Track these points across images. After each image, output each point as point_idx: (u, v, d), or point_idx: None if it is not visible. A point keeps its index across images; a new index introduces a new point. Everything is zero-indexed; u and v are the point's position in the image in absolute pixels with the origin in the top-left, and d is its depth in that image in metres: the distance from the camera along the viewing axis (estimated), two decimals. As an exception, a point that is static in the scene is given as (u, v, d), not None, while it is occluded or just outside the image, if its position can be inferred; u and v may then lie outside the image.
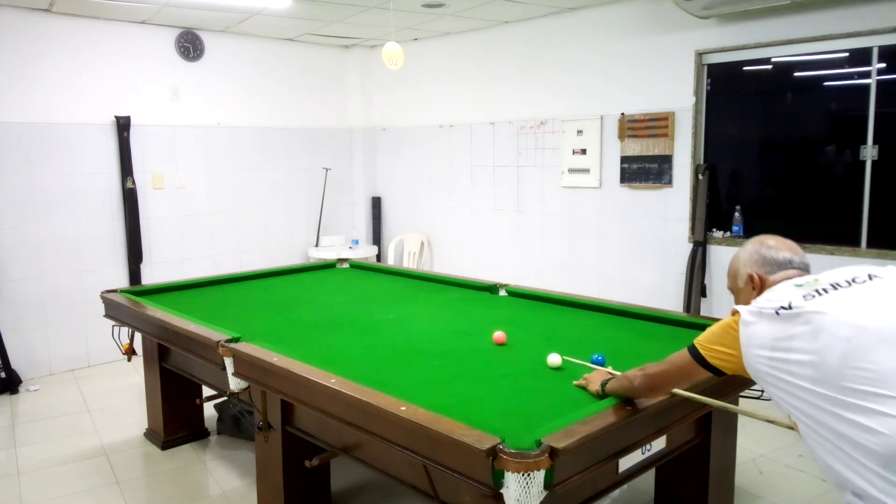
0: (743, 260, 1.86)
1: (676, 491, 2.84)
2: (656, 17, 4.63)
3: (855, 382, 1.42)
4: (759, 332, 1.59)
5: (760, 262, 1.80)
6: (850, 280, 1.59)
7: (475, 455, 1.73)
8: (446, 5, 4.89)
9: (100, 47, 5.20)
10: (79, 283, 5.20)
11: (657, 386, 1.97)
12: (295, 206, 6.46)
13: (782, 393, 1.56)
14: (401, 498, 3.14)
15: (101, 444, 3.86)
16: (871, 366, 1.42)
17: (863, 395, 1.41)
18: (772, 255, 1.79)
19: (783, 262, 1.78)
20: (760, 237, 1.87)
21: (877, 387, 1.40)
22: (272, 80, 6.19)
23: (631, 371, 2.05)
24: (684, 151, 4.59)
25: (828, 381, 1.46)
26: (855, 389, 1.42)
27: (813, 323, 1.50)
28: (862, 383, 1.42)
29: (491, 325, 3.01)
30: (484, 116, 5.85)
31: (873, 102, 3.83)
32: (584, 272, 5.23)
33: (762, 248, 1.82)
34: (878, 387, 1.40)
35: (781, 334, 1.54)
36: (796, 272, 1.75)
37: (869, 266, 1.66)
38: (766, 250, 1.81)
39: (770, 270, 1.78)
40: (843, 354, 1.44)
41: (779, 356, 1.54)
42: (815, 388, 1.48)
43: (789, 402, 1.56)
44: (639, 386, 1.99)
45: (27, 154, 4.94)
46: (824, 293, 1.56)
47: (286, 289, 4.09)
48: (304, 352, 2.64)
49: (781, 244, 1.81)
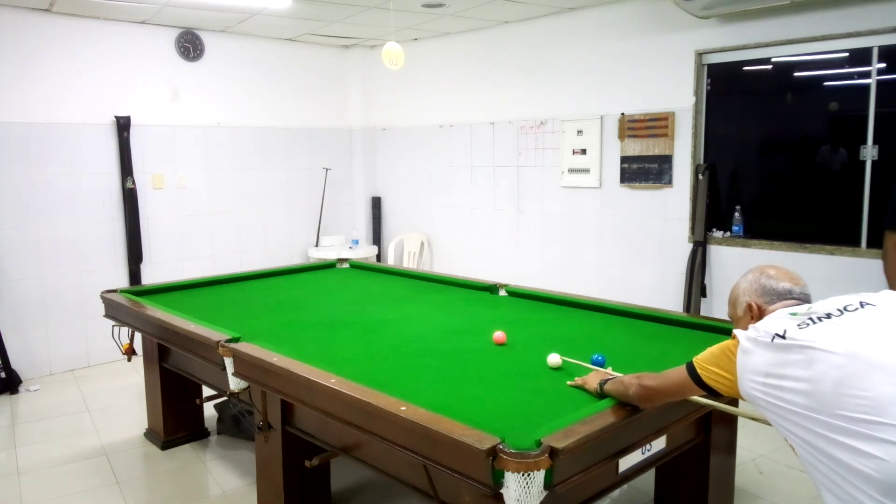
0: (742, 288, 1.86)
1: (676, 491, 2.84)
2: (656, 17, 4.63)
3: (850, 410, 1.43)
4: (754, 359, 1.60)
5: (760, 292, 1.81)
6: (843, 308, 1.60)
7: (475, 455, 1.73)
8: (446, 5, 4.89)
9: (100, 47, 5.20)
10: (79, 283, 5.20)
11: (651, 398, 1.97)
12: (295, 206, 6.46)
13: (778, 418, 1.58)
14: (401, 498, 3.14)
15: (101, 444, 3.86)
16: (866, 393, 1.42)
17: (859, 423, 1.42)
18: (771, 284, 1.79)
19: (782, 292, 1.78)
20: (761, 266, 1.87)
21: (872, 414, 1.41)
22: (272, 80, 6.19)
23: (628, 377, 2.05)
24: (684, 151, 4.59)
25: (823, 409, 1.47)
26: (851, 417, 1.43)
27: (806, 352, 1.51)
28: (857, 411, 1.42)
29: (491, 325, 3.01)
30: (484, 116, 5.85)
31: (873, 102, 3.83)
32: (584, 272, 5.23)
33: (762, 278, 1.82)
34: (874, 414, 1.41)
35: (775, 362, 1.56)
36: (795, 302, 1.75)
37: (861, 294, 1.67)
38: (765, 280, 1.81)
39: (769, 300, 1.78)
40: (837, 382, 1.45)
41: (773, 383, 1.56)
42: (810, 414, 1.49)
43: (785, 427, 1.57)
44: (633, 395, 1.99)
45: (27, 154, 4.94)
46: (818, 321, 1.57)
47: (286, 289, 4.09)
48: (304, 352, 2.65)
49: (782, 274, 1.81)
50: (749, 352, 1.62)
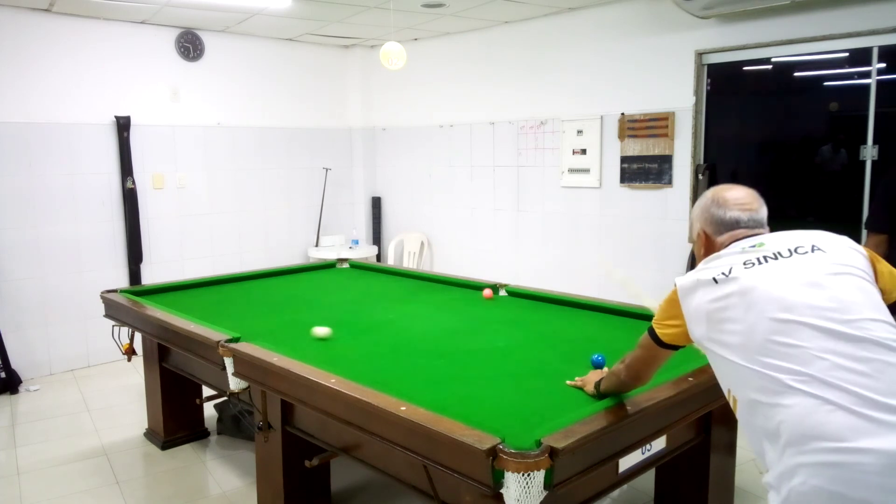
0: (695, 214, 1.82)
1: (676, 491, 2.84)
2: (656, 17, 4.63)
3: (776, 358, 1.43)
4: (696, 301, 1.60)
5: (710, 220, 1.76)
6: (794, 249, 1.57)
7: (475, 455, 1.73)
8: (446, 5, 4.89)
9: (100, 47, 5.20)
10: (79, 283, 5.20)
11: (638, 373, 1.94)
12: (295, 206, 6.46)
13: (714, 365, 1.61)
14: (401, 498, 3.14)
15: (101, 444, 3.86)
16: (794, 342, 1.42)
17: (782, 371, 1.42)
18: (719, 215, 1.74)
19: (730, 222, 1.72)
20: (716, 189, 1.80)
21: (795, 364, 1.41)
22: (272, 80, 6.19)
23: (615, 366, 2.04)
24: (684, 151, 4.59)
25: (752, 357, 1.47)
26: (775, 365, 1.43)
27: (746, 296, 1.50)
28: (782, 359, 1.42)
29: (491, 325, 3.01)
30: (484, 116, 5.85)
31: (873, 102, 3.83)
32: (584, 272, 5.23)
33: (712, 206, 1.76)
34: (798, 364, 1.41)
35: (717, 304, 1.55)
36: (744, 233, 1.70)
37: (818, 234, 1.63)
38: (715, 209, 1.75)
39: (716, 230, 1.74)
40: (769, 331, 1.45)
41: (714, 326, 1.56)
42: (740, 362, 1.49)
43: (721, 375, 1.60)
44: (625, 378, 1.98)
45: (27, 154, 4.94)
46: (765, 262, 1.55)
47: (286, 289, 4.09)
48: (304, 352, 2.65)
49: (732, 202, 1.74)
50: (691, 292, 1.61)
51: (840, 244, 1.61)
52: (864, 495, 1.28)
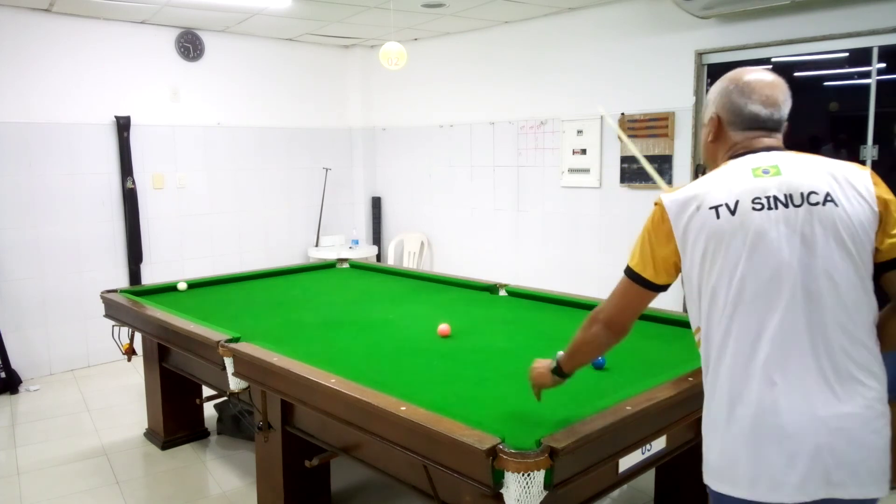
0: (712, 96, 1.59)
1: (676, 491, 2.84)
2: (656, 17, 4.63)
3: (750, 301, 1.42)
4: (695, 225, 1.46)
5: (727, 107, 1.54)
6: (806, 195, 1.40)
7: (475, 455, 1.73)
8: (446, 5, 4.89)
9: (100, 47, 5.20)
10: (79, 283, 5.20)
11: (625, 325, 1.71)
12: (295, 206, 6.46)
13: (689, 304, 1.58)
14: (401, 498, 3.14)
15: (101, 444, 3.86)
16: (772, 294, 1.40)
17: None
18: (739, 104, 1.52)
19: (749, 117, 1.52)
20: (740, 70, 1.57)
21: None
22: (272, 80, 6.19)
23: (581, 333, 1.81)
24: (684, 151, 4.59)
25: (733, 301, 1.43)
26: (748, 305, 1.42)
27: (751, 247, 1.39)
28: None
29: (491, 325, 3.00)
30: (484, 116, 5.85)
31: (873, 102, 3.83)
32: (584, 272, 5.23)
33: (733, 92, 1.54)
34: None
35: (712, 242, 1.43)
36: (761, 134, 1.53)
37: (836, 170, 1.44)
38: (736, 95, 1.53)
39: (732, 121, 1.54)
40: (755, 294, 1.41)
41: (707, 266, 1.45)
42: (715, 310, 1.47)
43: (693, 313, 1.58)
44: (595, 333, 1.75)
45: (27, 154, 4.94)
46: (775, 208, 1.40)
47: (286, 289, 4.09)
48: (304, 352, 2.64)
49: (756, 89, 1.52)
50: (683, 210, 1.49)
51: (853, 191, 1.41)
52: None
